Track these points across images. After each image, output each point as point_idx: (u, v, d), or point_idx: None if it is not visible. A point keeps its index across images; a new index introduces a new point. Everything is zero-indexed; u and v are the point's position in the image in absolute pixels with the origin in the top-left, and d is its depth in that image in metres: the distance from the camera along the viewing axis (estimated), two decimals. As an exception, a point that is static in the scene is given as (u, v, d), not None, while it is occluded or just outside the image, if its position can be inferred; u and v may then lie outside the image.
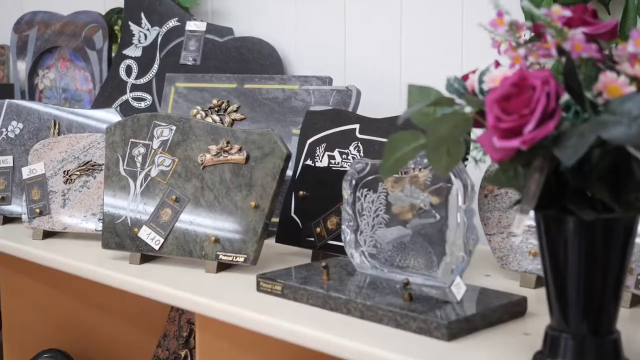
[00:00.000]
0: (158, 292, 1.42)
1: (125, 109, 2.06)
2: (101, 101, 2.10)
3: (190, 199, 1.50)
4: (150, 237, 1.51)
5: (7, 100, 1.90)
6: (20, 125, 1.87)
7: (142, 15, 2.09)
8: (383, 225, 1.32)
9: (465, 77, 1.01)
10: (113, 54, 2.20)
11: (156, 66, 2.06)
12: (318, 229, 1.51)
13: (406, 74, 1.80)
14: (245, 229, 1.44)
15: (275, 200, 1.44)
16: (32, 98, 2.34)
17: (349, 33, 1.90)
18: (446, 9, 1.72)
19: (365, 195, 1.35)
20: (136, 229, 1.52)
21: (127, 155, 1.56)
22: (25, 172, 1.73)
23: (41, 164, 1.73)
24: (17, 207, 1.84)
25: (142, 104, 2.06)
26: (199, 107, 1.80)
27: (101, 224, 1.66)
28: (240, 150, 1.46)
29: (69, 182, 1.71)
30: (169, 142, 1.52)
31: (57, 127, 1.85)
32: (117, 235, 1.54)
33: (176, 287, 1.39)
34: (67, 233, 1.73)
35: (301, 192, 1.55)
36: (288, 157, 1.43)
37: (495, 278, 1.39)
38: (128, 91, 2.08)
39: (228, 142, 1.47)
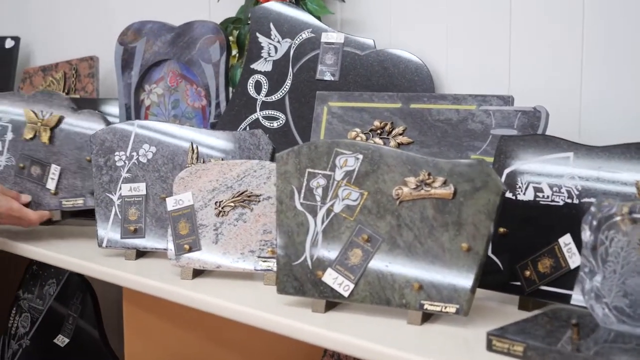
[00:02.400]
0: (353, 346, 1.23)
1: (255, 129, 1.87)
2: (228, 120, 1.91)
3: (384, 238, 1.31)
4: (338, 282, 1.32)
5: (136, 121, 1.72)
6: (153, 149, 1.69)
7: (271, 25, 1.91)
8: (636, 274, 1.14)
9: None
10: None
11: (289, 82, 1.88)
12: (527, 272, 1.33)
13: (588, 95, 1.61)
14: (456, 274, 1.25)
15: (489, 242, 1.25)
16: (137, 115, 2.16)
17: (515, 45, 1.71)
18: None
19: (612, 239, 1.16)
20: (319, 272, 1.34)
21: (303, 187, 1.37)
22: (171, 203, 1.54)
23: (189, 194, 1.54)
24: (151, 240, 1.66)
25: (275, 124, 1.88)
26: (358, 130, 1.62)
27: (261, 263, 1.48)
28: (445, 183, 1.27)
29: (222, 215, 1.52)
30: (355, 172, 1.34)
31: (195, 151, 1.66)
32: (296, 279, 1.35)
33: (375, 341, 1.21)
34: (220, 272, 1.54)
35: (501, 229, 1.36)
36: (504, 193, 1.25)
37: None
38: (258, 109, 1.90)
39: (429, 174, 1.29)
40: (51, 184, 1.81)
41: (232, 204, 1.52)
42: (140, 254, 1.68)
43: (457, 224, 1.26)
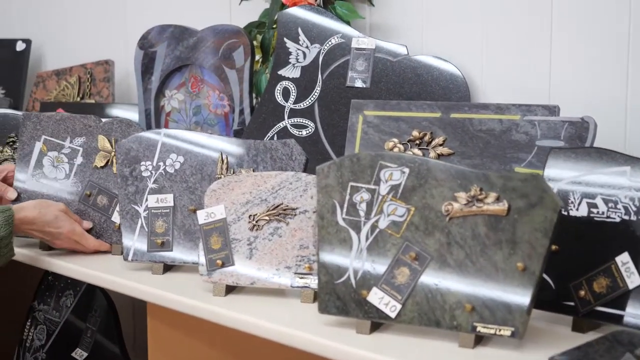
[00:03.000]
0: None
1: (283, 138, 1.81)
2: (254, 128, 1.85)
3: (433, 256, 1.25)
4: (384, 302, 1.26)
5: (163, 130, 1.65)
6: (181, 159, 1.62)
7: (300, 30, 1.84)
8: None
9: None
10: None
11: (318, 89, 1.81)
12: (581, 292, 1.27)
13: (634, 106, 1.55)
14: (511, 295, 1.19)
15: (545, 261, 1.19)
16: (157, 122, 2.10)
17: (556, 52, 1.65)
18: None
19: (681, 260, 1.10)
20: (364, 292, 1.27)
21: (346, 201, 1.31)
22: (202, 216, 1.48)
23: (221, 207, 1.48)
24: (179, 253, 1.59)
25: (304, 132, 1.81)
26: (395, 140, 1.56)
27: (298, 280, 1.42)
28: (498, 199, 1.21)
29: (256, 229, 1.46)
30: (402, 187, 1.28)
31: (225, 161, 1.60)
32: (339, 299, 1.29)
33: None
34: (253, 289, 1.48)
35: (553, 246, 1.30)
36: (561, 209, 1.18)
37: None
38: (286, 117, 1.83)
39: (481, 189, 1.22)
40: (117, 217, 1.71)
41: (266, 218, 1.46)
42: (168, 267, 1.62)
43: (511, 242, 1.20)
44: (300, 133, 1.82)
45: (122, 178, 1.64)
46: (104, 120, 1.77)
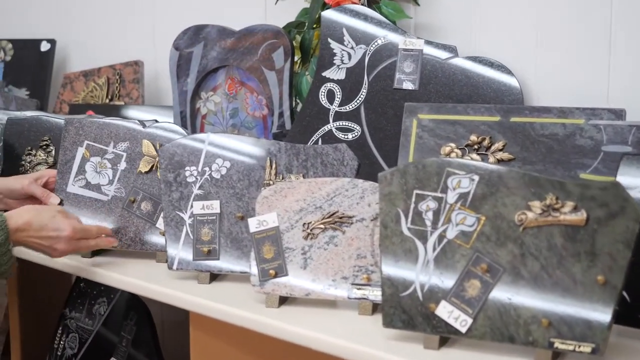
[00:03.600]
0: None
1: (328, 141, 1.75)
2: (298, 131, 1.79)
3: (506, 268, 1.19)
4: (454, 316, 1.20)
5: (208, 134, 1.59)
6: (227, 164, 1.56)
7: (344, 31, 1.78)
8: None
9: None
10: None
11: (364, 91, 1.76)
12: (659, 306, 1.21)
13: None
14: (590, 310, 1.13)
15: (627, 273, 1.13)
16: (193, 124, 2.04)
17: (615, 52, 1.58)
18: None
19: None
20: (432, 305, 1.22)
21: (411, 210, 1.25)
22: (254, 224, 1.42)
23: (273, 215, 1.42)
24: (226, 262, 1.54)
25: (349, 135, 1.75)
26: (452, 145, 1.50)
27: (356, 291, 1.36)
28: (575, 208, 1.15)
29: (311, 238, 1.40)
30: (471, 195, 1.22)
31: (273, 166, 1.54)
32: (404, 312, 1.23)
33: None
34: (307, 300, 1.42)
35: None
36: (644, 219, 1.13)
37: None
38: (331, 120, 1.77)
39: (557, 198, 1.17)
40: (161, 224, 1.65)
41: (321, 226, 1.40)
42: (214, 277, 1.56)
43: (590, 253, 1.14)
44: (346, 137, 1.76)
45: (166, 184, 1.58)
46: (147, 124, 1.72)
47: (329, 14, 1.80)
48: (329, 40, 1.79)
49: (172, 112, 2.19)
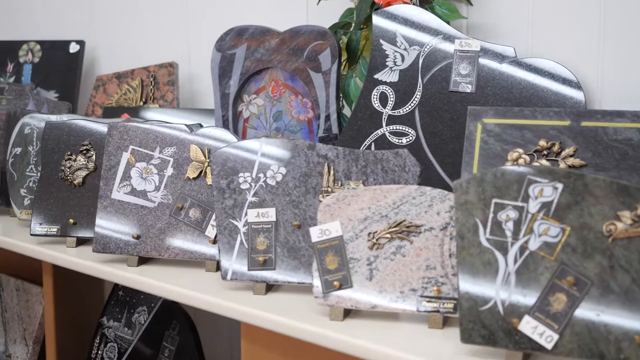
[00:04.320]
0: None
1: (381, 146, 1.69)
2: (350, 136, 1.73)
3: (594, 281, 1.13)
4: (538, 332, 1.14)
5: (263, 139, 1.54)
6: (283, 170, 1.51)
7: (397, 32, 1.72)
8: None
9: None
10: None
11: (419, 94, 1.70)
12: None
13: None
14: (688, 326, 1.07)
15: None
16: (235, 128, 1.98)
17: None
18: None
19: None
20: (515, 320, 1.16)
21: (489, 220, 1.19)
22: (316, 234, 1.36)
23: (336, 224, 1.36)
24: (282, 273, 1.48)
25: (404, 140, 1.69)
26: (520, 150, 1.44)
27: (425, 304, 1.30)
28: (669, 219, 1.09)
29: (377, 248, 1.34)
30: (554, 204, 1.16)
31: (332, 172, 1.48)
32: (484, 327, 1.17)
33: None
34: (373, 313, 1.36)
35: None
36: None
37: None
38: (384, 124, 1.71)
39: (649, 208, 1.11)
40: (211, 232, 1.60)
41: (388, 236, 1.34)
42: (269, 287, 1.50)
43: (686, 266, 1.08)
44: (400, 141, 1.70)
45: (219, 191, 1.52)
46: (194, 128, 1.66)
47: (381, 14, 1.74)
48: (381, 41, 1.73)
49: (209, 115, 2.14)
